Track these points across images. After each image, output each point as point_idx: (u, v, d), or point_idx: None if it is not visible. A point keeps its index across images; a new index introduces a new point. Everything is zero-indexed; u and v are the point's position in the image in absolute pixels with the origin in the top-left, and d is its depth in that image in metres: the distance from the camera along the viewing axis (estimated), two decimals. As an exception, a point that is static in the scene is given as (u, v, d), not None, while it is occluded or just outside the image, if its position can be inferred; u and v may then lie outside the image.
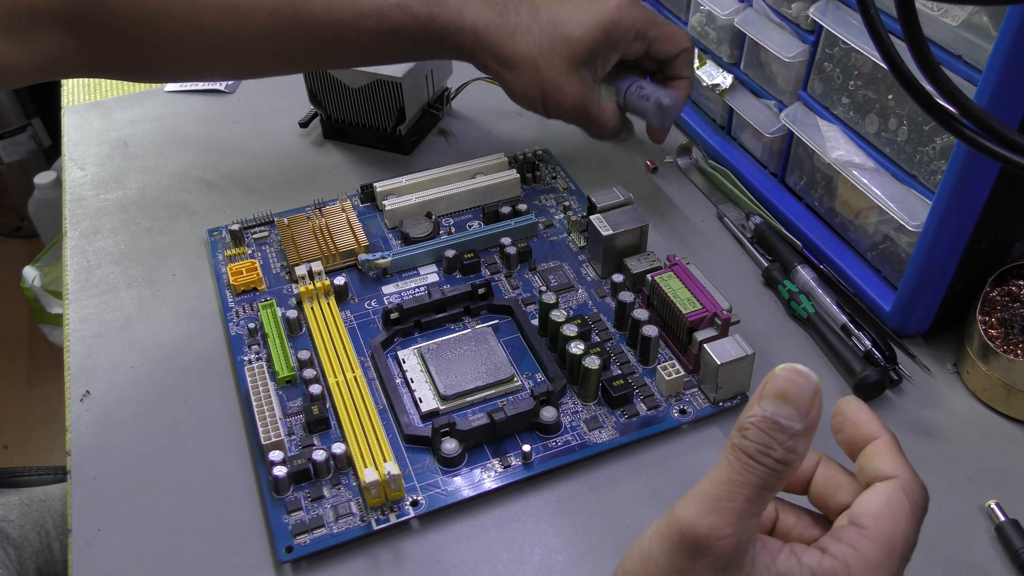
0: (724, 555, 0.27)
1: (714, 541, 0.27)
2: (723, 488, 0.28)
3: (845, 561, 0.28)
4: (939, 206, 0.47)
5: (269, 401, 0.48)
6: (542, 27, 0.56)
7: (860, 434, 0.32)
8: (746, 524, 0.28)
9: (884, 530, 0.28)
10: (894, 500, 0.29)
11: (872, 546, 0.28)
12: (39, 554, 0.66)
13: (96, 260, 0.62)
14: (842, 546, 0.28)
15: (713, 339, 0.49)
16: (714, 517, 0.27)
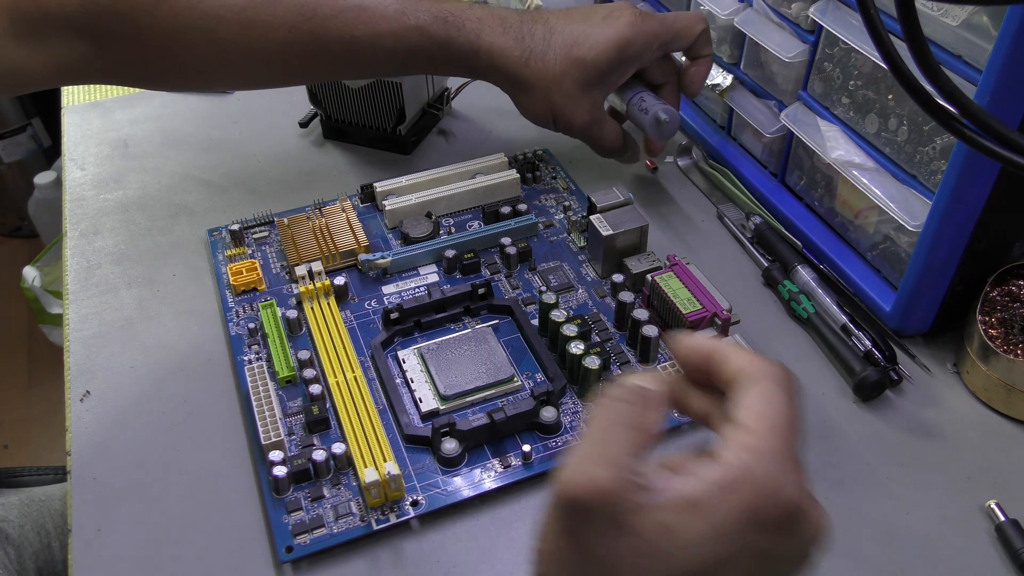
0: (610, 504, 0.27)
1: (595, 493, 0.27)
2: (589, 441, 0.28)
3: (744, 463, 0.28)
4: (939, 206, 0.47)
5: (269, 401, 0.48)
6: (556, 51, 0.57)
7: (697, 356, 0.32)
8: (623, 466, 0.28)
9: (769, 422, 0.29)
10: (766, 390, 0.30)
11: (763, 441, 0.28)
12: (39, 554, 0.66)
13: (96, 260, 0.62)
14: (735, 450, 0.28)
15: (713, 339, 0.49)
16: (587, 468, 0.27)
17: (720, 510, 0.27)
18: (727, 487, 0.27)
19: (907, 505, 0.46)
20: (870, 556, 0.43)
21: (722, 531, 0.27)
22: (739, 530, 0.27)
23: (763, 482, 0.27)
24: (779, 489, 0.28)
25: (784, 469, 0.28)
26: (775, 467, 0.28)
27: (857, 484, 0.47)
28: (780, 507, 0.27)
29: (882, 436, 0.49)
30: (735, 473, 0.27)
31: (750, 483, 0.27)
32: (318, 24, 0.55)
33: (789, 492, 0.28)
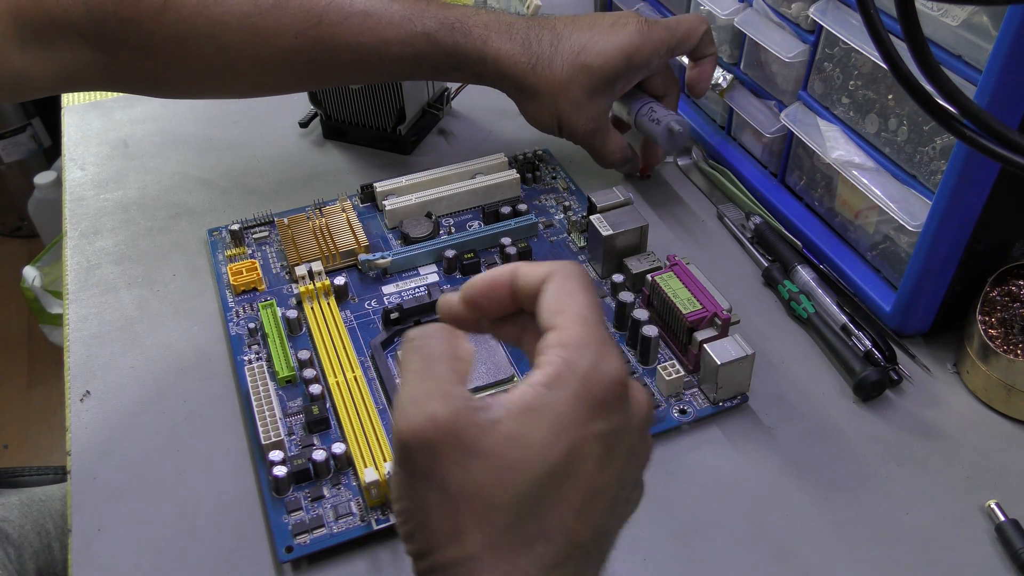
0: (453, 433, 0.28)
1: (438, 428, 0.28)
2: (413, 381, 0.29)
3: (562, 358, 0.29)
4: (939, 206, 0.47)
5: (269, 401, 0.48)
6: (563, 57, 0.57)
7: (500, 286, 0.33)
8: (455, 395, 0.28)
9: (572, 314, 0.30)
10: (562, 288, 0.31)
11: (571, 332, 0.29)
12: (39, 554, 0.66)
13: (96, 260, 0.62)
14: (551, 349, 0.29)
15: (713, 339, 0.49)
16: (422, 407, 0.28)
17: (554, 405, 0.28)
18: (554, 383, 0.28)
19: (907, 505, 0.46)
20: (870, 556, 0.43)
21: (562, 424, 0.28)
22: (577, 418, 0.28)
23: (584, 367, 0.29)
24: (599, 369, 0.29)
25: (598, 351, 0.29)
26: (590, 351, 0.29)
27: (857, 484, 0.47)
28: (606, 385, 0.29)
29: (882, 436, 0.49)
30: (556, 368, 0.29)
31: (572, 372, 0.29)
32: (324, 30, 0.55)
33: (609, 369, 0.29)
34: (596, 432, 0.29)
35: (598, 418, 0.29)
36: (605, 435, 0.29)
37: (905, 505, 0.46)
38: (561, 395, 0.28)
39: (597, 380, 0.29)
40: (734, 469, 0.48)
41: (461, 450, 0.28)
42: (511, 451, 0.28)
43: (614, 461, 0.30)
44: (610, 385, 0.29)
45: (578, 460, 0.29)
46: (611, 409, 0.29)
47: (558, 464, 0.28)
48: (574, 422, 0.28)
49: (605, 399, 0.29)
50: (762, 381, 0.52)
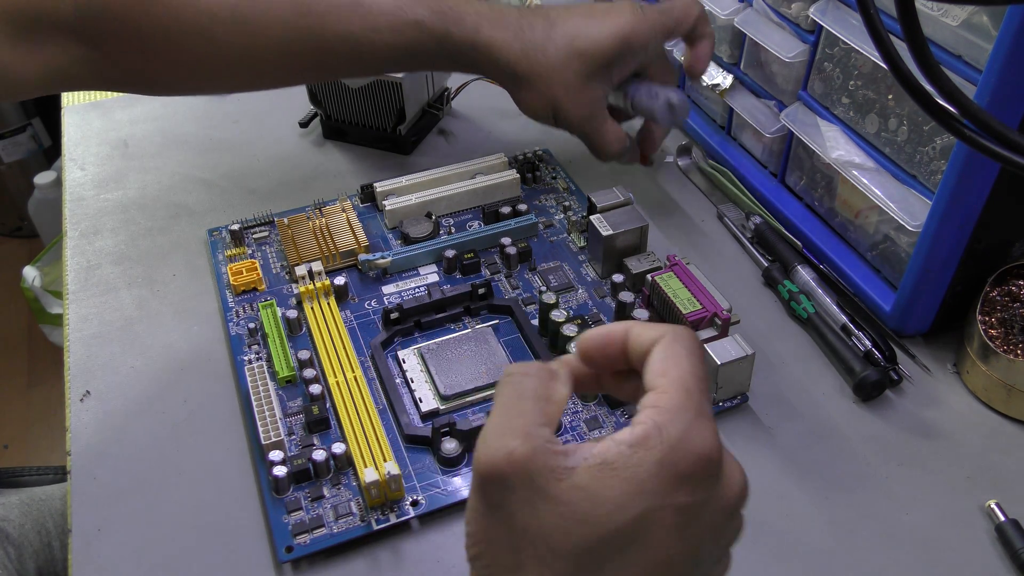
0: (527, 472, 0.28)
1: (511, 464, 0.28)
2: (499, 416, 0.29)
3: (653, 420, 0.28)
4: (939, 206, 0.47)
5: (269, 401, 0.48)
6: (556, 44, 0.56)
7: (614, 340, 0.33)
8: (535, 435, 0.28)
9: (673, 378, 0.29)
10: (669, 351, 0.30)
11: (669, 397, 0.29)
12: (39, 554, 0.66)
13: (96, 260, 0.62)
14: (645, 410, 0.29)
15: (713, 339, 0.49)
16: (501, 441, 0.28)
17: (634, 467, 0.28)
18: (638, 444, 0.28)
19: (907, 505, 0.46)
20: (870, 556, 0.43)
21: (639, 488, 0.27)
22: (655, 485, 0.28)
23: (673, 435, 0.28)
24: (689, 440, 0.28)
25: (692, 421, 0.28)
26: (683, 420, 0.28)
27: (857, 484, 0.47)
28: (692, 458, 0.28)
29: (882, 436, 0.49)
30: (645, 430, 0.28)
31: (660, 437, 0.28)
32: (314, 20, 0.54)
33: (699, 442, 0.28)
34: (676, 503, 0.28)
35: (680, 490, 0.28)
36: (685, 508, 0.28)
37: (905, 505, 0.46)
38: (644, 456, 0.28)
39: (685, 451, 0.28)
40: (734, 469, 0.48)
41: (532, 490, 0.28)
42: (581, 503, 0.28)
43: (692, 536, 0.29)
44: (699, 459, 0.28)
45: (651, 527, 0.28)
46: (696, 483, 0.28)
47: (627, 526, 0.28)
48: (652, 486, 0.28)
49: (691, 472, 0.28)
50: (762, 381, 0.52)
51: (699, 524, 0.29)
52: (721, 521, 0.30)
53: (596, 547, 0.28)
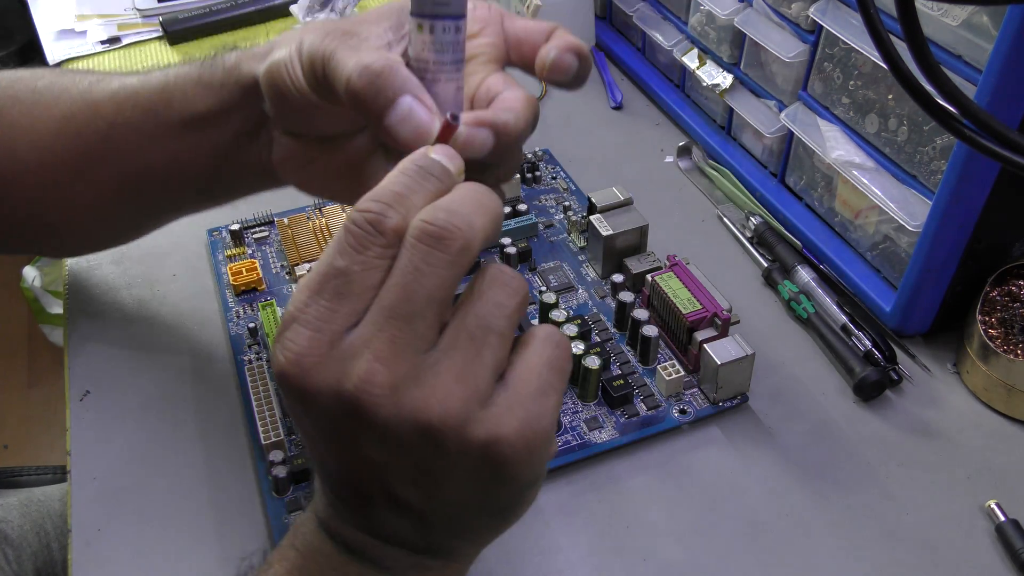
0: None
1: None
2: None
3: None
4: (939, 206, 0.47)
5: (269, 401, 0.48)
6: None
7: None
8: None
9: (311, 270, 0.29)
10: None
11: (298, 288, 0.29)
12: (38, 555, 0.66)
13: (96, 260, 0.62)
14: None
15: (713, 339, 0.49)
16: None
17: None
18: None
19: (907, 505, 0.46)
20: (870, 556, 0.43)
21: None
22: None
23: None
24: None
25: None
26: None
27: (857, 484, 0.47)
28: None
29: (882, 436, 0.49)
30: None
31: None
32: None
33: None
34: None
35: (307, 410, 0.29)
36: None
37: (905, 505, 0.46)
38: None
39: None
40: (734, 469, 0.48)
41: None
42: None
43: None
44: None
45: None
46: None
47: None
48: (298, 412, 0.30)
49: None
50: (762, 381, 0.52)
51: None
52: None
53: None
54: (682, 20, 0.70)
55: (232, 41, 0.89)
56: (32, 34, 0.94)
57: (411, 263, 0.28)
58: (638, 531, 0.45)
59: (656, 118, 0.76)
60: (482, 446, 0.28)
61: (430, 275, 0.28)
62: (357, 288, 0.28)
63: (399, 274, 0.28)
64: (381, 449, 0.28)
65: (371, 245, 0.28)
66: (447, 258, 0.28)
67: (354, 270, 0.28)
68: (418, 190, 0.29)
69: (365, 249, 0.28)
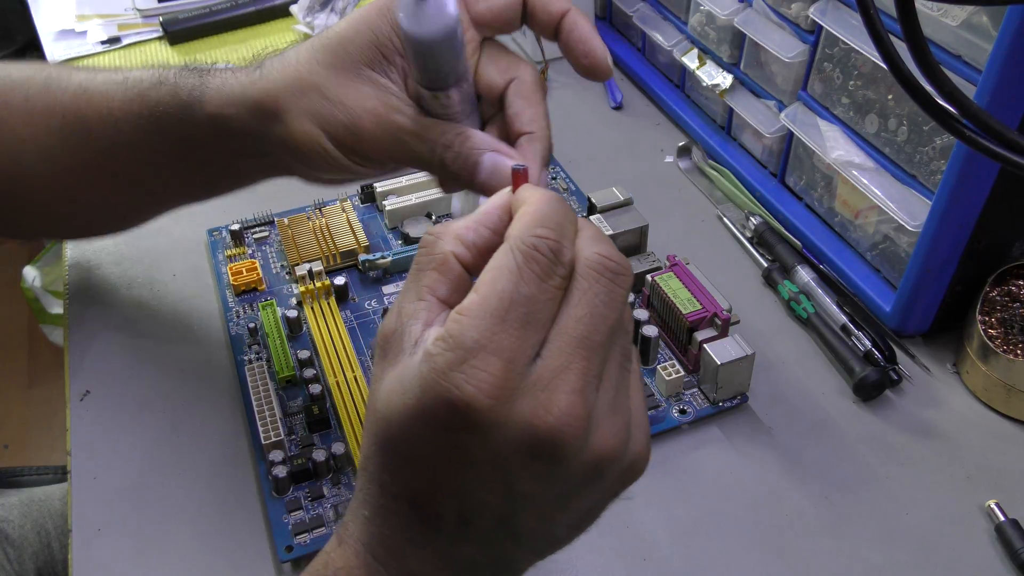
0: (383, 341, 0.29)
1: (380, 334, 0.29)
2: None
3: (446, 331, 0.27)
4: (939, 206, 0.47)
5: (269, 401, 0.48)
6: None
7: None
8: (404, 309, 0.29)
9: (485, 292, 0.27)
10: (500, 262, 0.28)
11: (470, 307, 0.27)
12: (39, 554, 0.66)
13: (96, 260, 0.62)
14: (451, 319, 0.27)
15: (713, 339, 0.49)
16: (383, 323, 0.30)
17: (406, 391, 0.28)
18: (425, 357, 0.28)
19: (907, 505, 0.46)
20: (870, 556, 0.43)
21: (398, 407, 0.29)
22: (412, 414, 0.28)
23: (438, 366, 0.27)
24: (440, 379, 0.27)
25: (448, 359, 0.27)
26: (443, 359, 0.27)
27: (857, 484, 0.47)
28: (441, 398, 0.27)
29: (882, 436, 0.49)
30: (439, 336, 0.28)
31: (431, 361, 0.27)
32: None
33: (450, 382, 0.27)
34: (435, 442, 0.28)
35: (428, 424, 0.27)
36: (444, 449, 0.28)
37: (905, 505, 0.46)
38: (414, 382, 0.27)
39: (437, 395, 0.26)
40: (734, 469, 0.48)
41: (382, 364, 0.30)
42: (378, 393, 0.29)
43: (459, 472, 0.28)
44: (452, 408, 0.26)
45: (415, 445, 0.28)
46: (449, 425, 0.27)
47: (395, 435, 0.28)
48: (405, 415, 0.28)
49: (445, 419, 0.27)
50: (762, 381, 0.52)
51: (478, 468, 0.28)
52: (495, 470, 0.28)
53: (384, 444, 0.29)
54: (682, 20, 0.70)
55: (232, 41, 0.89)
56: (32, 34, 0.94)
57: (598, 296, 0.28)
58: (638, 531, 0.45)
59: (656, 118, 0.76)
60: (625, 480, 0.30)
61: (612, 308, 0.28)
62: (542, 318, 0.27)
63: (587, 305, 0.28)
64: (542, 484, 0.28)
65: (554, 275, 0.28)
66: (623, 293, 0.28)
67: (540, 299, 0.27)
68: (566, 223, 0.29)
69: (549, 278, 0.27)
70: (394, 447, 0.29)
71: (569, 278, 0.28)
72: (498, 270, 0.27)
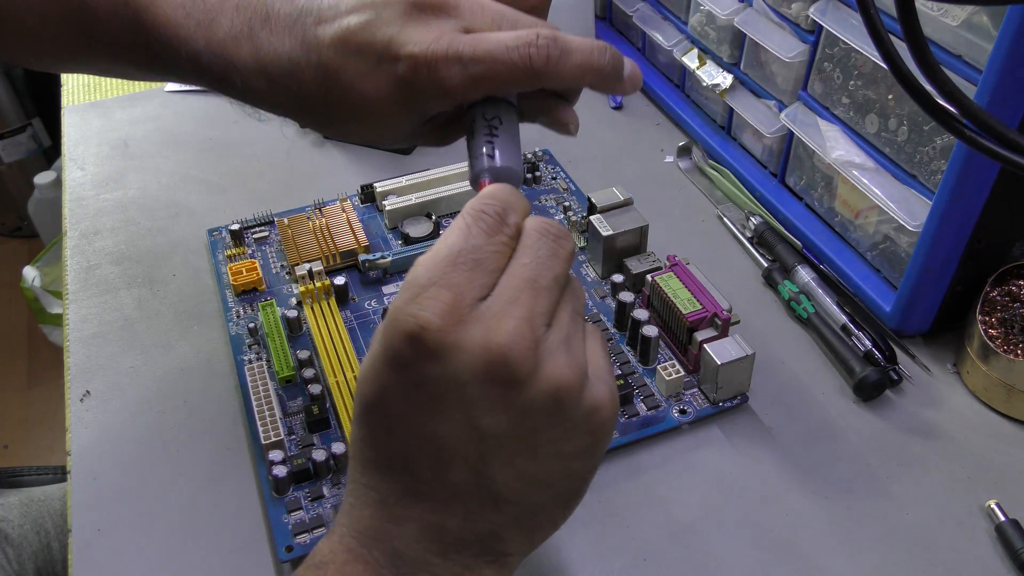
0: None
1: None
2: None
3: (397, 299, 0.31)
4: (939, 206, 0.47)
5: (269, 401, 0.48)
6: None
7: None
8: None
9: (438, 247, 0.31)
10: (453, 225, 0.32)
11: (431, 253, 0.31)
12: (38, 554, 0.66)
13: (96, 260, 0.62)
14: (410, 271, 0.31)
15: (713, 339, 0.49)
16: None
17: (377, 339, 0.31)
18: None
19: (907, 505, 0.46)
20: (870, 556, 0.43)
21: (372, 359, 0.31)
22: (379, 358, 0.30)
23: (391, 309, 0.30)
24: (398, 317, 0.30)
25: (404, 297, 0.30)
26: (404, 294, 0.30)
27: (857, 484, 0.47)
28: (398, 331, 0.29)
29: (882, 436, 0.49)
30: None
31: (392, 308, 0.30)
32: None
33: (406, 321, 0.29)
34: (392, 381, 0.30)
35: (390, 366, 0.30)
36: (403, 384, 0.30)
37: (905, 505, 0.46)
38: (380, 329, 0.31)
39: (394, 328, 0.30)
40: (734, 469, 0.48)
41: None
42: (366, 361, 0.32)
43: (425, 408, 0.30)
44: (403, 328, 0.29)
45: (384, 398, 0.31)
46: (406, 361, 0.30)
47: (369, 397, 0.31)
48: (377, 362, 0.31)
49: (397, 349, 0.29)
50: (762, 381, 0.52)
51: (443, 404, 0.30)
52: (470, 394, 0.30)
53: (362, 414, 0.32)
54: (682, 20, 0.70)
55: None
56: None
57: (541, 249, 0.32)
58: (638, 531, 0.45)
59: (656, 118, 0.76)
60: (587, 412, 0.31)
61: (556, 261, 0.32)
62: (489, 265, 0.31)
63: (531, 254, 0.32)
64: (503, 416, 0.30)
65: (500, 233, 0.32)
66: (565, 253, 0.33)
67: (487, 249, 0.31)
68: (517, 205, 0.33)
69: (495, 234, 0.31)
70: (367, 410, 0.31)
71: (516, 240, 0.32)
72: (450, 230, 0.31)
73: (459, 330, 0.29)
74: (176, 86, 0.81)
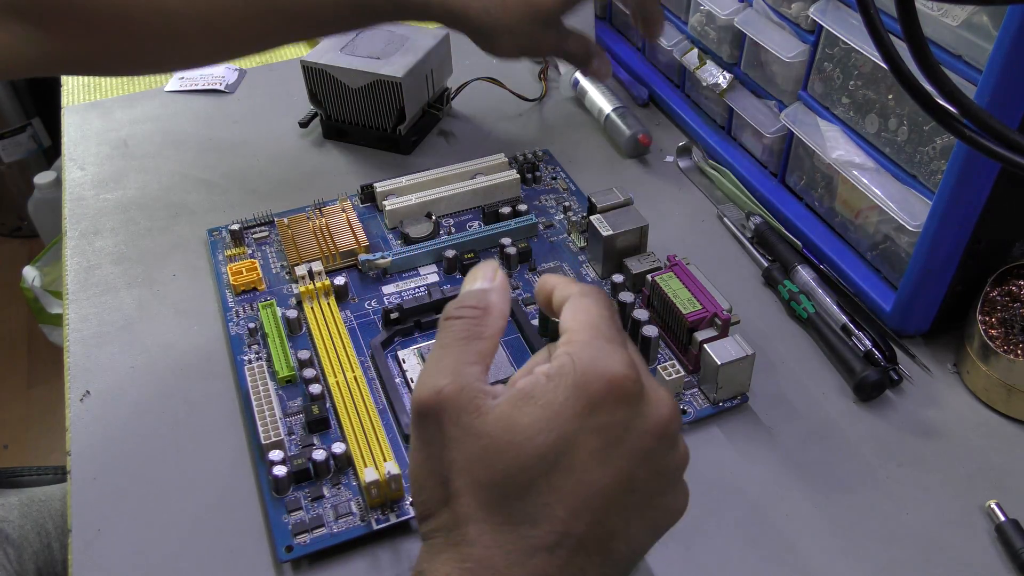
0: (454, 407, 0.30)
1: (439, 399, 0.30)
2: (433, 358, 0.32)
3: (566, 352, 0.31)
4: (939, 206, 0.47)
5: (269, 401, 0.48)
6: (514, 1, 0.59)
7: (546, 291, 0.37)
8: (463, 372, 0.31)
9: (582, 321, 0.33)
10: (579, 304, 0.34)
11: (579, 334, 0.32)
12: (39, 554, 0.66)
13: (96, 260, 0.62)
14: (560, 347, 0.32)
15: (713, 339, 0.49)
16: (431, 380, 0.31)
17: (550, 395, 0.30)
18: (553, 375, 0.30)
19: (907, 505, 0.46)
20: (870, 556, 0.43)
21: (554, 413, 0.29)
22: (570, 409, 0.30)
23: (584, 362, 0.30)
24: (598, 365, 0.30)
25: (602, 348, 0.31)
26: (593, 348, 0.31)
27: (857, 484, 0.47)
28: (603, 381, 0.30)
29: (882, 436, 0.49)
30: (559, 361, 0.31)
31: (572, 366, 0.30)
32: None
33: (609, 365, 0.30)
34: (591, 426, 0.30)
35: (595, 413, 0.30)
36: (603, 430, 0.30)
37: (905, 505, 0.46)
38: (558, 384, 0.30)
39: (596, 374, 0.30)
40: (734, 469, 0.48)
41: (459, 425, 0.30)
42: (502, 434, 0.29)
43: (616, 459, 0.30)
44: (609, 381, 0.30)
45: (570, 451, 0.29)
46: (611, 405, 0.30)
47: (547, 451, 0.29)
48: (567, 413, 0.29)
49: (603, 394, 0.30)
50: (762, 381, 0.52)
51: (623, 447, 0.30)
52: (651, 444, 0.31)
53: (516, 475, 0.29)
54: (682, 20, 0.70)
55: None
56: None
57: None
58: (638, 531, 0.45)
59: (656, 118, 0.76)
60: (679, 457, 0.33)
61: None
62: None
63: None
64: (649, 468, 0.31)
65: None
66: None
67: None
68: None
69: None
70: (560, 466, 0.30)
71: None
72: (583, 311, 0.33)
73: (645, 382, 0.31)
74: (176, 86, 0.81)
